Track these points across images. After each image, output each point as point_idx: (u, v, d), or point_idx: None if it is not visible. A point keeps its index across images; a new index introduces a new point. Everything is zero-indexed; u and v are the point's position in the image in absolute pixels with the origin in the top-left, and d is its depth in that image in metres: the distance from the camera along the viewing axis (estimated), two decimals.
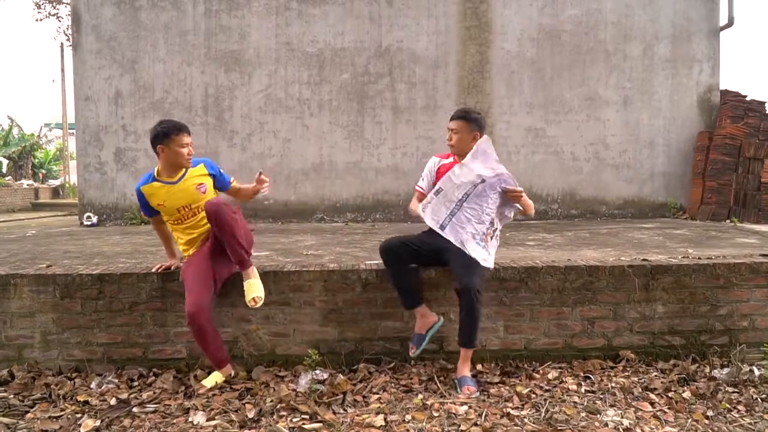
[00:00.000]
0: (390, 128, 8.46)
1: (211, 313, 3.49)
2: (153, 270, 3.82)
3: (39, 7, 18.40)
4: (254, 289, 3.57)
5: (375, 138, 8.47)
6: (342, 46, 8.37)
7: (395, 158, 8.46)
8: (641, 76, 8.50)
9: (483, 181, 3.51)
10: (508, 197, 3.61)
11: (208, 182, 3.81)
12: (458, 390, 3.34)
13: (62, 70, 25.39)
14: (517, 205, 3.69)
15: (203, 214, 3.63)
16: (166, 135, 3.63)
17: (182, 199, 3.70)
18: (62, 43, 22.99)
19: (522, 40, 8.43)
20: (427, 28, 8.40)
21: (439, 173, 3.75)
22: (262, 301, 3.56)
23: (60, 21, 19.17)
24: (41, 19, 18.78)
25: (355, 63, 8.41)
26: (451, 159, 3.78)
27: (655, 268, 3.90)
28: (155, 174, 3.74)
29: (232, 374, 3.60)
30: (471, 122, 3.67)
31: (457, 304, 3.63)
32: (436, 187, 3.61)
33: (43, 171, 26.82)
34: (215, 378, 3.51)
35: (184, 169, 3.73)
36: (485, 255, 3.53)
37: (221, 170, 3.95)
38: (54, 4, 18.38)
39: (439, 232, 3.52)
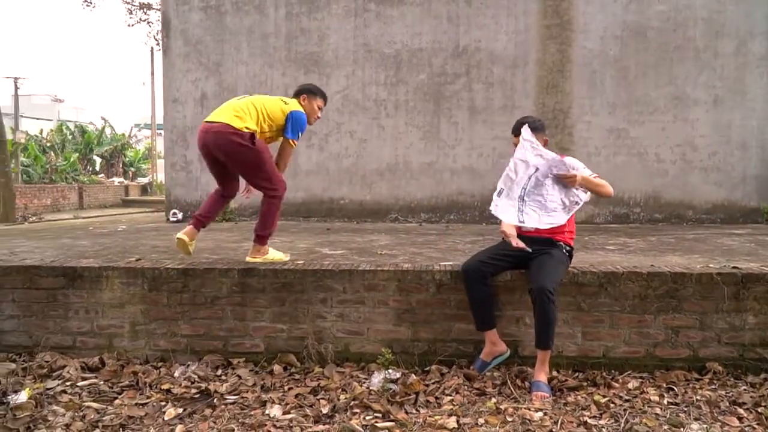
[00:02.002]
0: (466, 129, 8.40)
1: None
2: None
3: (131, 13, 19.38)
4: None
5: (451, 139, 8.43)
6: (419, 46, 8.38)
7: (471, 159, 8.39)
8: (733, 75, 8.07)
9: (537, 169, 3.46)
10: (568, 182, 3.48)
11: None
12: (530, 394, 3.28)
13: (152, 73, 26.65)
14: (580, 191, 3.52)
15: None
16: (313, 92, 4.52)
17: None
18: (152, 48, 24.15)
19: (605, 38, 8.18)
20: (506, 27, 8.29)
21: None
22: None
23: (150, 26, 20.13)
24: (133, 25, 19.77)
25: (432, 63, 8.40)
26: None
27: (746, 276, 3.69)
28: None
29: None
30: (537, 130, 3.60)
31: (531, 308, 3.59)
32: (498, 188, 3.56)
33: (133, 169, 28.22)
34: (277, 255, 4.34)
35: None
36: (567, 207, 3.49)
37: (298, 130, 4.37)
38: (145, 10, 19.32)
39: (520, 225, 3.50)
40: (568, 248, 3.68)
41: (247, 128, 4.21)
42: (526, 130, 3.52)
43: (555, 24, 8.22)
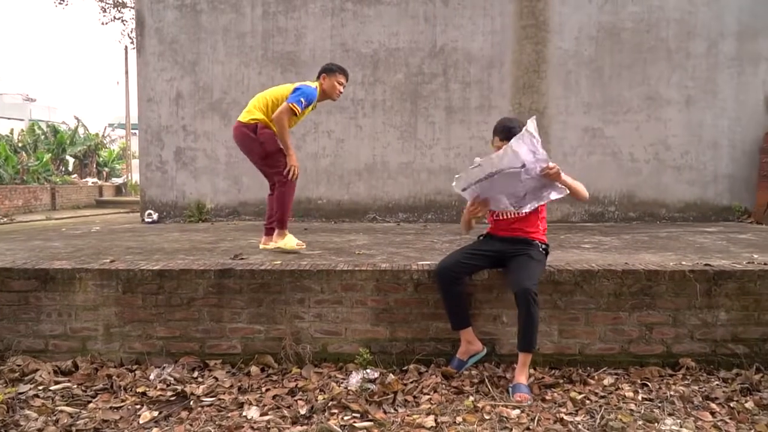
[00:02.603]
0: (443, 128, 8.43)
1: None
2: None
3: (105, 11, 19.13)
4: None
5: (428, 138, 8.45)
6: (396, 46, 8.39)
7: (448, 159, 8.43)
8: (705, 75, 8.21)
9: (523, 166, 3.36)
10: (549, 177, 3.41)
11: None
12: (511, 396, 3.30)
13: (126, 72, 26.33)
14: (559, 184, 3.47)
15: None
16: (332, 70, 4.70)
17: (297, 122, 4.90)
18: (126, 46, 23.86)
19: (580, 38, 8.27)
20: (482, 28, 8.33)
21: None
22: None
23: (124, 24, 19.92)
24: (107, 23, 19.56)
25: (409, 63, 8.42)
26: None
27: (718, 273, 3.76)
28: (317, 94, 4.66)
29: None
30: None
31: (509, 306, 3.62)
32: (475, 161, 3.50)
33: (107, 169, 27.82)
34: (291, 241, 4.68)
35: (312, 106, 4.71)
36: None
37: (300, 97, 4.56)
38: (119, 8, 19.09)
39: (463, 190, 3.57)
40: (544, 246, 3.71)
41: (252, 119, 4.70)
42: (532, 122, 3.39)
43: (531, 24, 8.29)
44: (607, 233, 6.55)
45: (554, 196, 3.52)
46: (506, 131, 3.62)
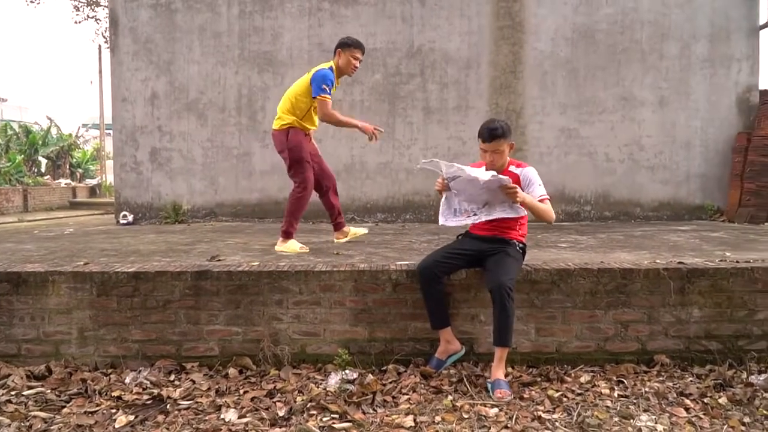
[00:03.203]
0: (421, 129, 8.45)
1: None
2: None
3: (78, 9, 18.85)
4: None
5: (406, 138, 8.47)
6: (374, 46, 8.38)
7: (426, 159, 8.42)
8: (678, 76, 8.34)
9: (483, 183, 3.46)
10: (506, 194, 3.46)
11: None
12: (491, 393, 3.31)
13: (100, 71, 25.95)
14: (518, 205, 3.51)
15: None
16: (347, 45, 4.72)
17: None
18: (100, 45, 23.53)
19: (556, 39, 8.35)
20: (459, 28, 8.37)
21: None
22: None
23: (98, 23, 19.66)
24: (80, 22, 19.25)
25: (387, 63, 8.42)
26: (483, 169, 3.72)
27: (691, 271, 3.82)
28: (334, 72, 4.73)
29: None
30: (507, 136, 3.64)
31: (487, 306, 3.64)
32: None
33: (81, 170, 27.41)
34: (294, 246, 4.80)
35: (339, 81, 4.85)
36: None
37: (321, 84, 4.64)
38: (92, 7, 18.82)
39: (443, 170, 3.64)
40: (521, 246, 3.74)
41: (283, 125, 4.84)
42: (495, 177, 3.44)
43: (507, 25, 8.34)
44: (583, 232, 6.62)
45: (508, 214, 3.58)
46: (488, 132, 3.63)
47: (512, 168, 3.73)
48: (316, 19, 8.42)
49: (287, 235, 4.94)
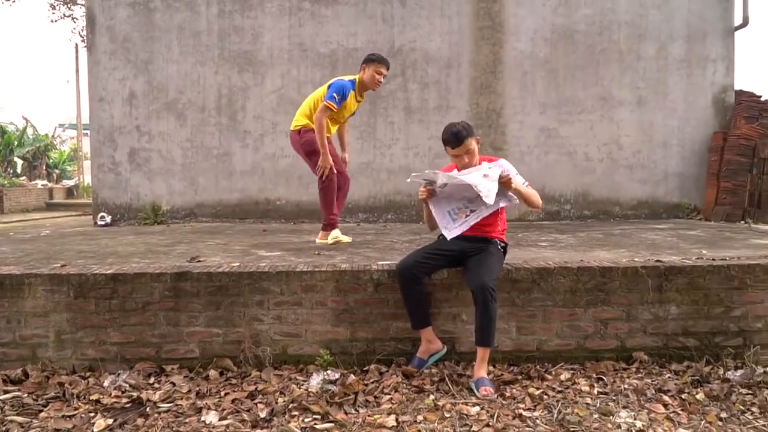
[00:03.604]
0: (402, 128, 8.46)
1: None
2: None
3: (54, 8, 18.59)
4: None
5: (387, 138, 8.47)
6: (354, 46, 8.38)
7: (407, 159, 8.46)
8: (655, 77, 8.44)
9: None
10: (502, 185, 3.55)
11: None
12: (476, 391, 3.33)
13: (77, 70, 25.65)
14: (510, 193, 3.62)
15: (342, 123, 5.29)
16: (372, 60, 4.89)
17: (348, 113, 5.16)
18: (77, 44, 23.25)
19: (535, 40, 8.40)
20: (440, 28, 8.39)
21: None
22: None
23: (75, 22, 19.40)
24: (56, 20, 19.00)
25: None
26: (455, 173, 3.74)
27: (668, 269, 3.87)
28: (357, 85, 4.96)
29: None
30: (472, 134, 3.64)
31: (469, 305, 3.65)
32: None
33: (58, 171, 27.07)
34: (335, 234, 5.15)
35: (364, 94, 5.14)
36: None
37: (332, 92, 4.83)
38: (69, 5, 18.57)
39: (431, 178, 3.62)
40: (502, 245, 3.76)
41: (297, 126, 5.12)
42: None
43: (487, 26, 8.38)
44: (563, 231, 6.67)
45: (502, 204, 3.67)
46: (454, 137, 3.61)
47: (484, 164, 3.72)
48: (296, 19, 8.39)
49: (328, 227, 5.24)
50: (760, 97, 8.29)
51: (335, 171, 5.07)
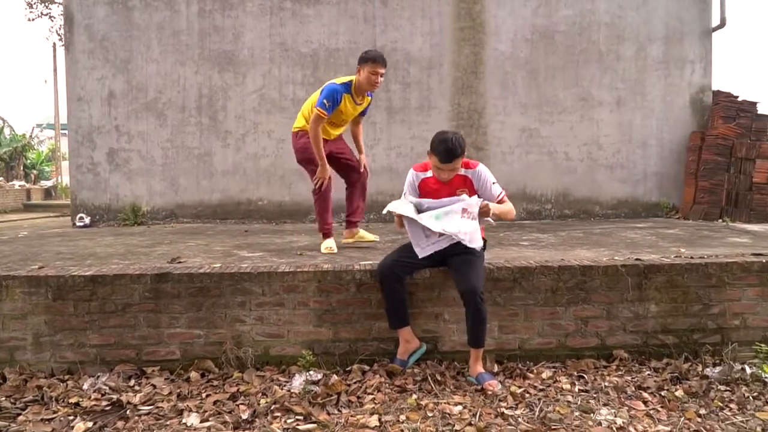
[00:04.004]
0: (384, 129, 8.46)
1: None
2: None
3: (31, 6, 18.32)
4: None
5: (369, 138, 8.45)
6: (336, 46, 8.36)
7: (389, 159, 8.46)
8: (634, 77, 8.53)
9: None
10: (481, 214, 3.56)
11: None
12: (480, 386, 3.40)
13: (55, 70, 25.31)
14: (490, 219, 3.64)
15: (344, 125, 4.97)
16: (366, 60, 4.57)
17: (348, 116, 4.86)
18: (55, 43, 22.93)
19: (515, 40, 8.45)
20: (421, 29, 8.40)
21: (421, 188, 3.76)
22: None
23: (52, 21, 19.11)
24: (33, 19, 18.69)
25: (350, 63, 8.39)
26: (429, 173, 3.74)
27: (648, 267, 3.91)
28: (353, 88, 4.67)
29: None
30: (464, 152, 3.58)
31: (451, 304, 3.67)
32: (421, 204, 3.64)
33: (35, 172, 26.72)
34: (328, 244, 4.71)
35: (365, 95, 4.83)
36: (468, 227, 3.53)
37: (322, 99, 4.62)
38: (46, 4, 18.31)
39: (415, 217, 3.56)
40: (481, 245, 3.78)
41: (296, 128, 4.96)
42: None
43: (468, 26, 8.41)
44: (544, 230, 6.71)
45: (473, 224, 3.60)
46: (446, 155, 3.50)
47: (461, 171, 3.69)
48: (277, 19, 8.35)
49: (323, 235, 5.01)
50: (737, 97, 8.40)
51: (328, 181, 4.92)
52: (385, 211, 3.65)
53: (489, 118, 8.45)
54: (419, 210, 3.62)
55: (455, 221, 3.48)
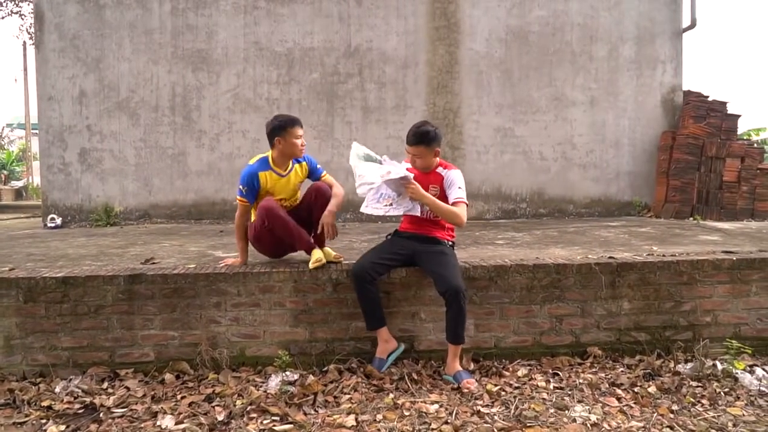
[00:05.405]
0: (360, 128, 8.45)
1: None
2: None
3: (1, 4, 17.95)
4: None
5: (345, 138, 8.45)
6: (311, 45, 8.33)
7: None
8: (607, 77, 8.64)
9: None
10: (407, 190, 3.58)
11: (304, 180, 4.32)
12: (458, 384, 3.41)
13: (25, 69, 24.85)
14: (417, 203, 3.63)
15: (291, 203, 4.26)
16: (282, 128, 3.99)
17: (283, 192, 4.16)
18: (25, 42, 22.50)
19: (490, 40, 8.50)
20: (396, 28, 8.41)
21: None
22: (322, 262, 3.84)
23: (23, 19, 18.74)
24: (3, 17, 18.31)
25: (325, 63, 8.38)
26: (409, 164, 3.79)
27: (620, 265, 3.97)
28: (270, 162, 4.10)
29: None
30: (431, 144, 3.66)
31: (427, 303, 3.69)
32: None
33: (6, 172, 26.17)
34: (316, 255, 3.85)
35: (290, 163, 4.18)
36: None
37: (238, 186, 4.09)
38: (16, 2, 17.96)
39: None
40: (450, 243, 3.82)
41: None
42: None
43: (443, 26, 8.44)
44: (519, 229, 6.77)
45: (410, 210, 3.65)
46: (413, 135, 3.70)
47: (439, 169, 3.78)
48: (251, 18, 8.30)
49: (306, 251, 4.03)
50: (708, 97, 8.56)
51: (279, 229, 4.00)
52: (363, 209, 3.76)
53: (464, 117, 8.49)
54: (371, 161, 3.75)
55: (393, 168, 3.57)
